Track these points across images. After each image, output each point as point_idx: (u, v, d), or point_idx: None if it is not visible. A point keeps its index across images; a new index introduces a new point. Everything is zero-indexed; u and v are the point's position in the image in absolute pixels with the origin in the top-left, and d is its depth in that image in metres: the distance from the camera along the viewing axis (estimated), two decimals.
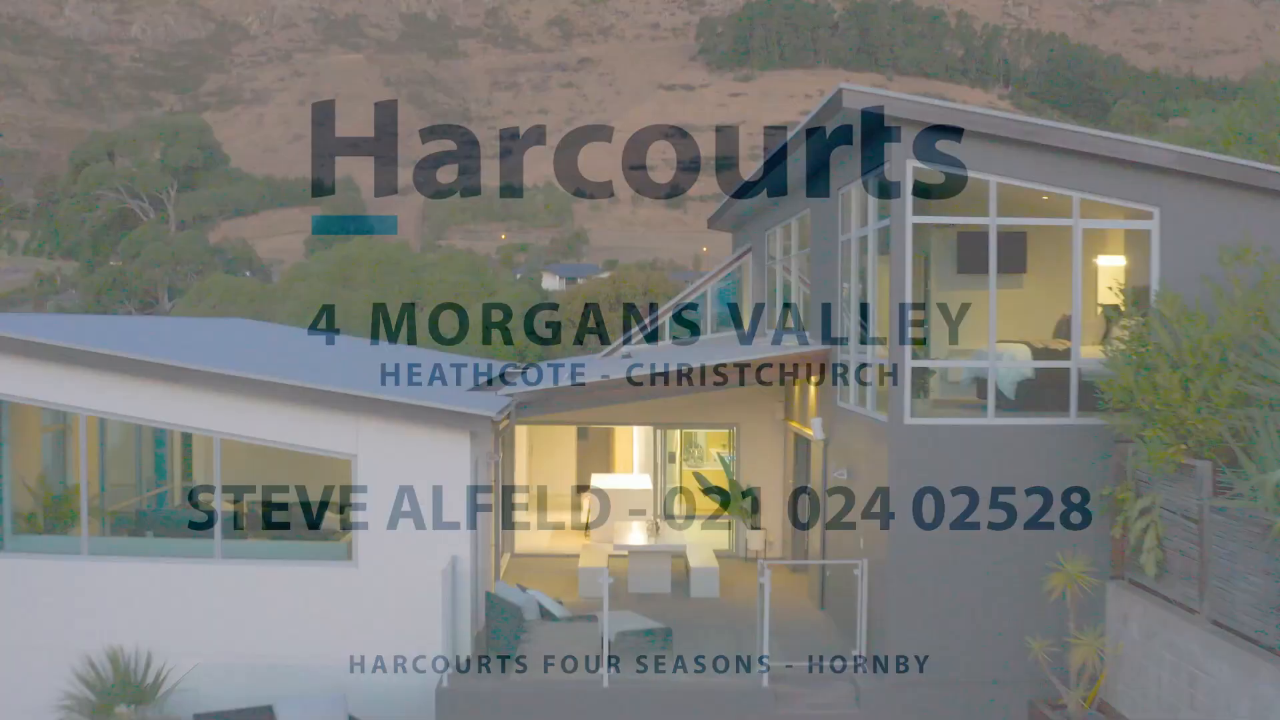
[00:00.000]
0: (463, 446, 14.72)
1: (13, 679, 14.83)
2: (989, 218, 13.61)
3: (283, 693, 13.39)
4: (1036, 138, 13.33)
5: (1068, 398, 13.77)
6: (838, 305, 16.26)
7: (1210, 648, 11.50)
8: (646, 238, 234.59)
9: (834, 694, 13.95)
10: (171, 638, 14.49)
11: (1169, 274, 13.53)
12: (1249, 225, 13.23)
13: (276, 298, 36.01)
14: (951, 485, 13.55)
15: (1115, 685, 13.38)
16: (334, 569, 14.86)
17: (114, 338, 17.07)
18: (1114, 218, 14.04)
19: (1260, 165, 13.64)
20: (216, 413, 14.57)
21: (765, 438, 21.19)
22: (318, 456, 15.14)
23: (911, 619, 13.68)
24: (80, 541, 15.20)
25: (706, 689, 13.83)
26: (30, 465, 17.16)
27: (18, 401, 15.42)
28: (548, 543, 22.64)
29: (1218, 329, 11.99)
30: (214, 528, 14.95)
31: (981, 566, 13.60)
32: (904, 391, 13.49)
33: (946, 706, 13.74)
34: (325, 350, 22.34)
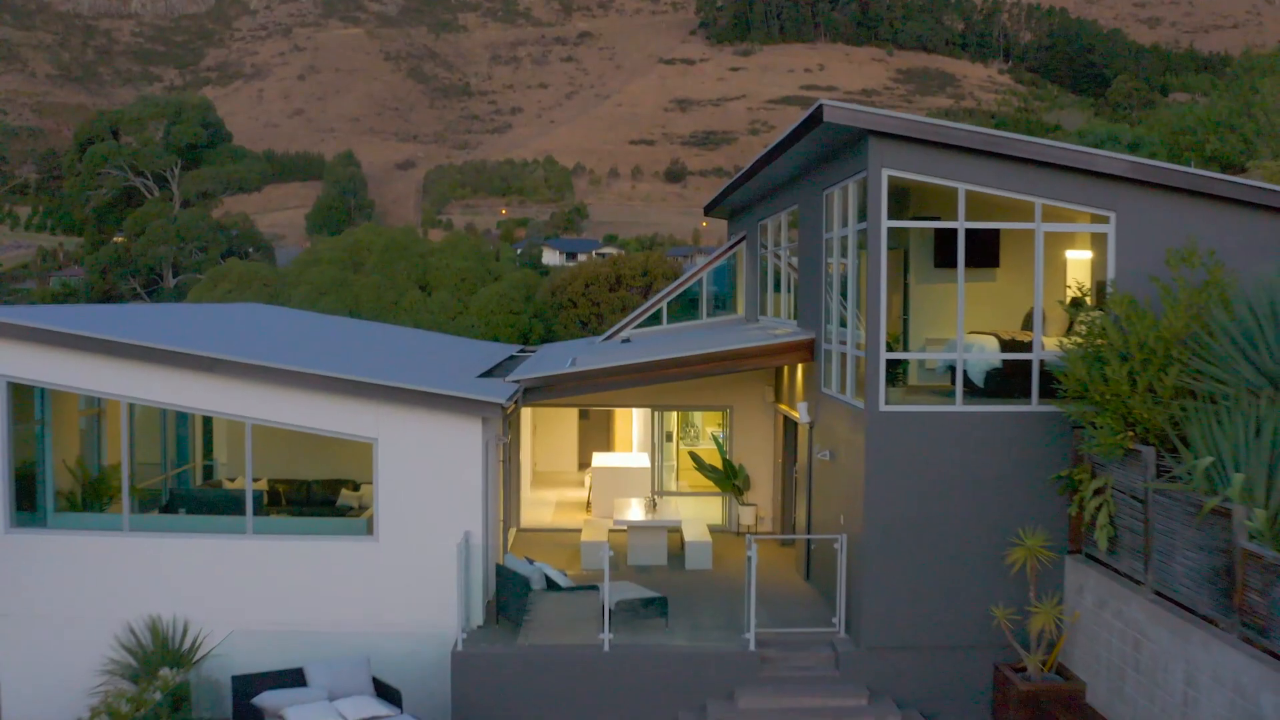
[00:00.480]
0: (475, 430, 15.95)
1: (59, 646, 16.04)
2: (958, 222, 14.76)
3: (311, 657, 14.64)
4: (1001, 149, 14.49)
5: (1031, 386, 14.97)
6: (821, 297, 17.43)
7: (1152, 616, 12.76)
8: (646, 213, 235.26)
9: (815, 658, 15.23)
10: (206, 607, 15.75)
11: (1124, 273, 14.71)
12: (1197, 228, 14.41)
13: (289, 282, 37.01)
14: (923, 467, 14.79)
15: (1072, 650, 14.65)
16: (356, 544, 16.13)
17: (150, 329, 18.24)
18: (1074, 221, 15.20)
19: (1207, 173, 14.79)
20: (249, 400, 15.79)
21: (756, 419, 22.42)
22: (335, 440, 16.39)
23: (886, 590, 14.93)
24: (122, 518, 16.44)
25: (698, 653, 15.12)
26: (69, 447, 18.40)
27: (68, 390, 16.64)
28: (551, 518, 23.88)
29: (1162, 327, 13.18)
30: (245, 505, 16.18)
31: (950, 542, 14.84)
32: (879, 381, 14.70)
33: (918, 670, 15.01)
34: (345, 335, 23.55)
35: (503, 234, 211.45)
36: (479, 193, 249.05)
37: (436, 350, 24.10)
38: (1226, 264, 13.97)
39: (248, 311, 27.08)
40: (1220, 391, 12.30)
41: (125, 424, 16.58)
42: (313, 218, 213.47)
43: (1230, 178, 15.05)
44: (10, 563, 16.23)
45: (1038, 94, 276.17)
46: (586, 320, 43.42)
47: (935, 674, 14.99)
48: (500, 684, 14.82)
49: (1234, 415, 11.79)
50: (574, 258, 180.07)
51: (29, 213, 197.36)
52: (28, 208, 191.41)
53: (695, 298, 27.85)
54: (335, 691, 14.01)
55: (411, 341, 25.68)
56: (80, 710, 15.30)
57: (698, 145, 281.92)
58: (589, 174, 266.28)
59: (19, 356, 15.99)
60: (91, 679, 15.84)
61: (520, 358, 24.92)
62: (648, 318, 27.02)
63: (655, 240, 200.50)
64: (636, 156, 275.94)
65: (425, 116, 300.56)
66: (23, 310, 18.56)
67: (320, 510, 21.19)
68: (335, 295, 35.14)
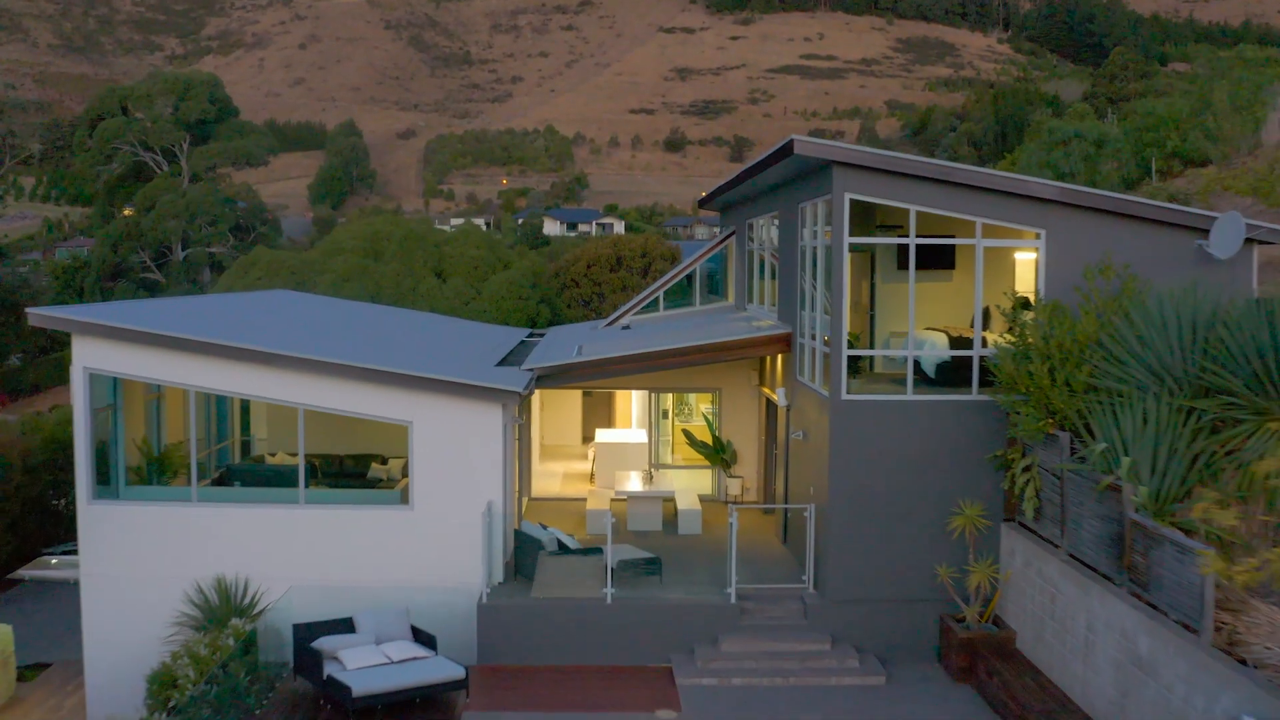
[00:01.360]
0: (496, 414, 18.48)
1: (134, 603, 18.47)
2: (910, 238, 17.21)
3: (358, 609, 17.19)
4: (947, 176, 16.91)
5: (972, 378, 17.46)
6: (797, 296, 19.88)
7: (1064, 574, 15.32)
8: (646, 182, 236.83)
9: (787, 610, 17.82)
10: (265, 568, 18.24)
11: (1053, 282, 17.16)
12: (1116, 243, 16.87)
13: (315, 269, 39.44)
14: (880, 446, 17.30)
15: (1005, 603, 17.23)
16: (394, 512, 18.68)
17: (210, 323, 20.73)
18: (1010, 237, 17.63)
19: (1123, 195, 17.22)
20: (301, 388, 18.29)
21: (742, 401, 24.93)
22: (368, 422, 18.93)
23: (848, 552, 17.48)
24: (191, 490, 18.98)
25: (687, 605, 17.70)
26: (136, 428, 20.91)
27: (141, 380, 19.13)
28: (559, 487, 26.43)
29: (1077, 331, 15.65)
30: (299, 479, 18.74)
31: (902, 511, 17.37)
32: (841, 374, 17.18)
33: (874, 620, 17.58)
34: (373, 321, 26.03)
35: (504, 204, 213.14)
36: (480, 162, 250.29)
37: (456, 336, 26.57)
38: (1142, 274, 16.46)
39: (282, 299, 29.53)
40: (1118, 388, 14.78)
41: (193, 410, 19.11)
42: (315, 188, 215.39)
43: (1142, 199, 17.49)
44: (92, 530, 18.75)
45: (1037, 63, 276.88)
46: (588, 299, 45.86)
47: (889, 623, 17.56)
48: (519, 631, 17.42)
49: (1127, 409, 14.28)
50: (574, 228, 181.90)
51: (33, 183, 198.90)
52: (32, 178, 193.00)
53: (691, 277, 30.19)
54: (380, 637, 16.57)
55: (433, 327, 28.16)
56: (154, 659, 17.78)
57: (697, 114, 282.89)
58: (589, 143, 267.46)
59: (99, 350, 18.47)
60: (163, 630, 18.29)
61: (530, 343, 27.40)
62: (646, 305, 29.45)
63: (655, 210, 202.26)
64: (636, 126, 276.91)
65: (426, 85, 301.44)
66: (97, 308, 20.97)
67: (353, 482, 23.75)
68: (358, 282, 37.62)
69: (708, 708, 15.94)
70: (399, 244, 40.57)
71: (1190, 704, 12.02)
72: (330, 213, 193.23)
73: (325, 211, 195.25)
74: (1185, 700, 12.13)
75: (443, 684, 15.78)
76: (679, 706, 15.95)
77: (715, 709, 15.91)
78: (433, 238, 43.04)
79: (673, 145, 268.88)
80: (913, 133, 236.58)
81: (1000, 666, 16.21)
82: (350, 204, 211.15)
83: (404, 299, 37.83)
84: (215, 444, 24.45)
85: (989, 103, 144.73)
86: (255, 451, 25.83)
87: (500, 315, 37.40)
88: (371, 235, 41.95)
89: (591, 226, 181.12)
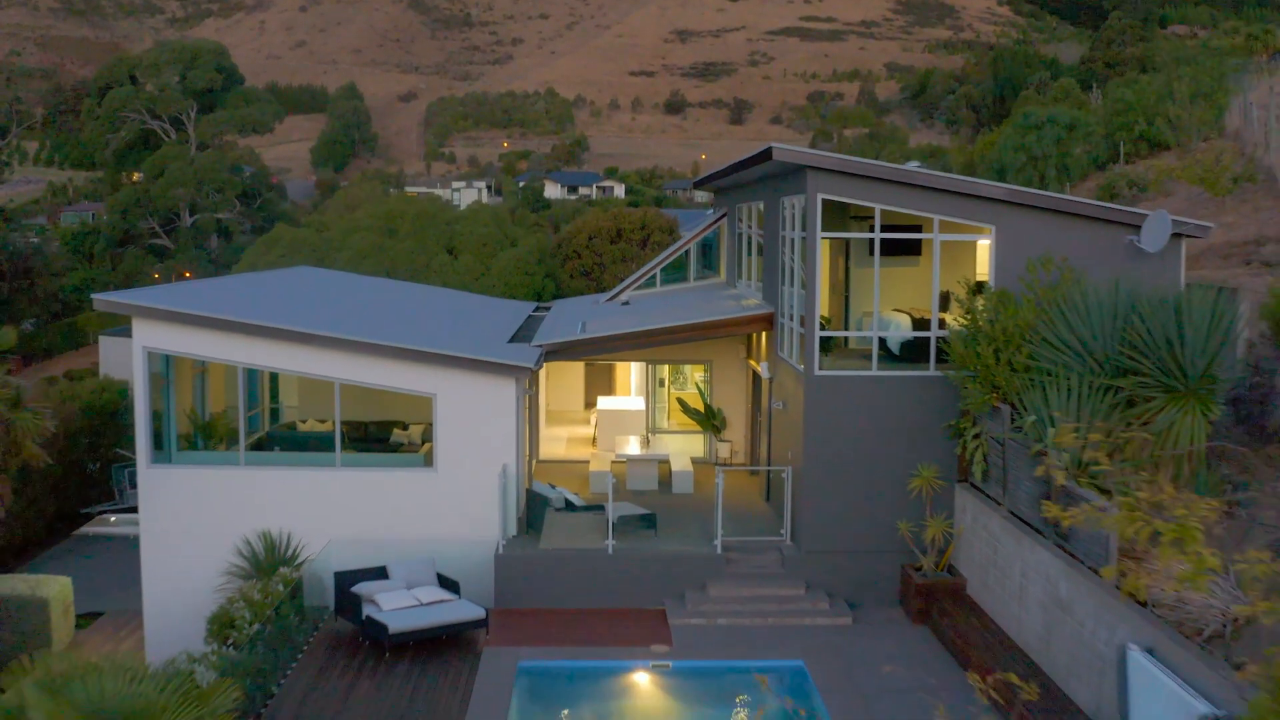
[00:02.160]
0: (510, 387, 20.82)
1: (187, 556, 20.81)
2: (875, 233, 19.46)
3: (389, 559, 19.58)
4: (907, 179, 19.14)
5: (930, 355, 19.76)
6: (778, 280, 22.13)
7: (1004, 529, 17.69)
8: (646, 145, 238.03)
9: (767, 559, 20.23)
10: (305, 523, 20.56)
11: (1002, 271, 19.40)
12: (1058, 238, 19.10)
13: (334, 247, 41.73)
14: (849, 416, 19.63)
15: (957, 554, 19.63)
16: (420, 473, 21.07)
17: (252, 303, 23.00)
18: (964, 232, 19.88)
19: (1064, 196, 19.45)
20: (337, 365, 20.62)
21: (732, 372, 27.26)
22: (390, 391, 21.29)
23: (820, 509, 19.86)
24: (238, 455, 21.36)
25: (679, 555, 20.12)
26: (185, 399, 23.24)
27: (194, 357, 21.43)
28: (564, 450, 28.80)
29: (1019, 318, 17.93)
30: (335, 444, 21.11)
31: (868, 473, 19.72)
32: (814, 352, 19.48)
33: (843, 569, 19.97)
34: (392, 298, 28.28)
35: (505, 167, 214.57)
36: (481, 125, 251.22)
37: (470, 312, 28.88)
38: (1082, 266, 18.71)
39: (307, 275, 31.79)
40: (1050, 368, 17.09)
41: (241, 383, 21.45)
42: (317, 151, 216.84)
43: (1081, 199, 19.75)
44: (150, 491, 21.13)
45: (1036, 25, 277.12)
46: (589, 270, 48.07)
47: (856, 572, 19.96)
48: (530, 578, 19.84)
49: (1055, 386, 16.61)
50: (575, 191, 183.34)
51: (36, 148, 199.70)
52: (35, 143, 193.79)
53: (687, 253, 32.40)
54: (411, 583, 18.97)
55: (448, 303, 30.46)
56: (206, 605, 20.09)
57: (697, 77, 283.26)
58: (589, 105, 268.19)
59: (157, 332, 20.77)
60: (215, 580, 20.62)
61: (537, 317, 29.69)
62: (644, 281, 31.71)
63: (655, 173, 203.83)
64: (636, 88, 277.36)
65: (427, 48, 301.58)
66: (154, 293, 23.22)
67: (377, 446, 26.07)
68: (374, 259, 39.90)
69: (696, 643, 18.36)
70: (412, 222, 42.88)
71: (1096, 636, 14.42)
72: (333, 176, 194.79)
73: (328, 175, 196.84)
74: (1093, 634, 14.54)
75: (466, 623, 18.21)
76: (671, 642, 18.37)
77: (702, 645, 18.33)
78: (444, 216, 45.36)
79: (673, 107, 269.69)
80: (912, 95, 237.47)
81: (952, 609, 18.63)
82: (353, 167, 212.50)
83: (418, 274, 40.15)
84: (248, 412, 26.75)
85: (988, 65, 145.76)
86: (283, 418, 28.13)
87: (508, 290, 39.73)
88: (386, 214, 44.26)
89: (592, 190, 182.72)
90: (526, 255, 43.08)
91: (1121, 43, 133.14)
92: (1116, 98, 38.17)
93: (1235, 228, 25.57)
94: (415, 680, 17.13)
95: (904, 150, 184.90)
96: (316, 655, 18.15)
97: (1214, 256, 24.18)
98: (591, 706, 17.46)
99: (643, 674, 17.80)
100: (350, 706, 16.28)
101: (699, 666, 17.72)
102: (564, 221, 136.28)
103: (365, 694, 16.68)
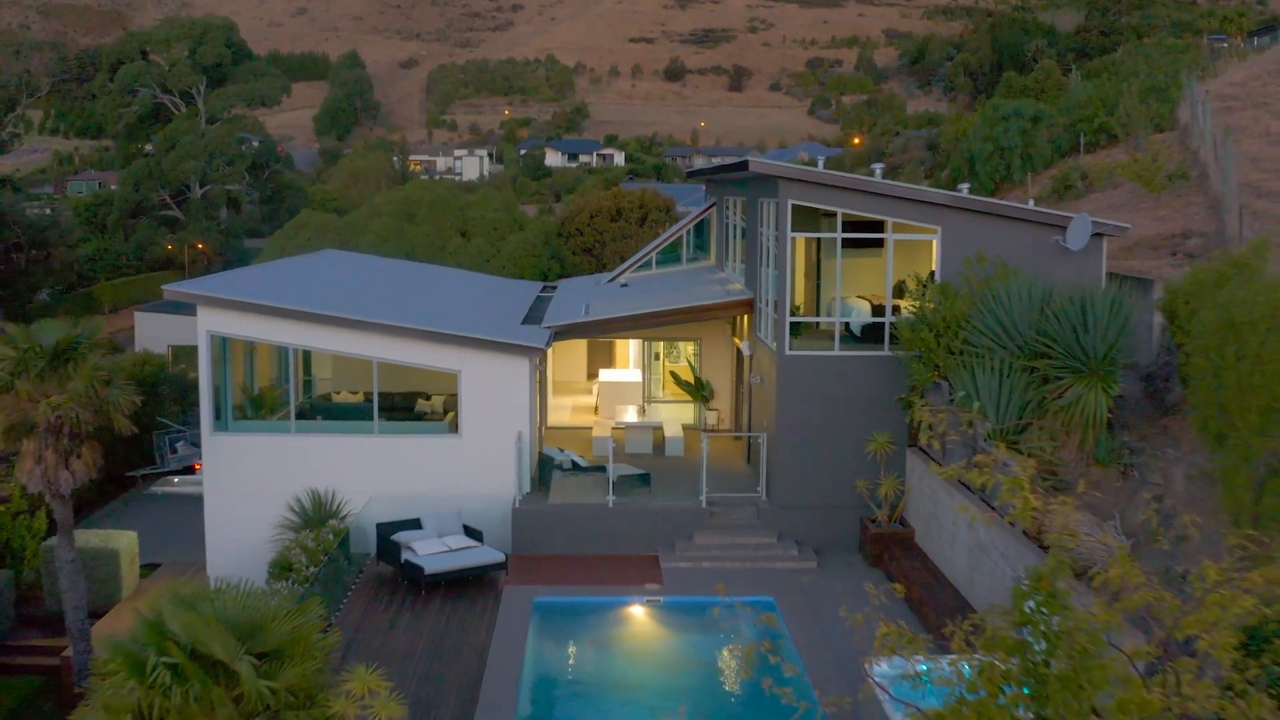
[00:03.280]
0: (524, 364, 24.10)
1: (244, 512, 24.06)
2: (837, 233, 22.67)
3: (422, 512, 22.90)
4: (864, 187, 22.33)
5: (884, 337, 23.00)
6: (757, 270, 25.33)
7: (943, 486, 21.01)
8: (645, 112, 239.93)
9: (744, 513, 23.58)
10: (348, 483, 23.85)
11: (948, 265, 22.60)
12: (994, 237, 22.28)
13: (357, 230, 45.03)
14: (815, 389, 22.90)
15: (907, 508, 22.96)
16: (447, 439, 24.40)
17: (294, 290, 26.21)
18: (915, 231, 23.07)
19: (998, 201, 22.63)
20: (376, 346, 23.90)
21: (719, 348, 30.54)
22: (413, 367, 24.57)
23: (790, 469, 23.17)
24: (289, 423, 24.67)
25: (669, 509, 23.47)
26: (238, 374, 26.49)
27: (250, 340, 24.68)
28: (569, 418, 32.12)
29: (955, 307, 21.16)
30: (372, 413, 24.42)
31: (831, 438, 23.00)
32: (785, 334, 22.73)
33: (810, 520, 23.30)
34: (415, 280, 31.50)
35: (506, 134, 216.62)
36: (482, 92, 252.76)
37: (486, 292, 32.16)
38: (1015, 263, 21.88)
39: (336, 258, 35.07)
40: (978, 350, 20.36)
41: (292, 362, 24.75)
42: (320, 119, 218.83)
43: (1014, 204, 23.00)
44: (213, 455, 24.42)
45: None
46: (590, 246, 51.26)
47: (821, 523, 23.29)
48: (542, 528, 23.19)
49: (981, 366, 19.88)
50: (575, 159, 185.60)
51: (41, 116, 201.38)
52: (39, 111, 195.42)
53: (679, 247, 35.64)
54: (441, 532, 22.31)
55: (465, 284, 33.74)
56: (262, 554, 23.34)
57: (696, 44, 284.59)
58: (589, 72, 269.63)
59: (219, 317, 24.01)
60: (269, 532, 23.88)
61: (545, 297, 32.93)
62: (641, 264, 34.92)
63: (654, 141, 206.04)
64: (636, 55, 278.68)
65: (427, 14, 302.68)
66: (209, 281, 26.44)
67: (402, 415, 29.33)
68: (394, 242, 43.16)
69: (683, 583, 21.71)
70: (428, 208, 46.23)
71: (1006, 573, 17.75)
72: (336, 144, 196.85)
73: (331, 143, 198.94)
74: (1003, 571, 17.87)
75: (489, 566, 21.59)
76: (662, 582, 21.73)
77: (689, 584, 21.67)
78: (457, 202, 48.69)
79: (672, 74, 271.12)
80: (910, 62, 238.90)
81: (900, 555, 21.97)
82: (355, 135, 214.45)
83: (434, 256, 43.41)
84: (284, 384, 30.03)
85: (986, 32, 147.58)
86: (315, 390, 31.38)
87: (517, 270, 43.04)
88: (404, 200, 47.64)
89: (592, 158, 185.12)
90: (533, 238, 46.38)
91: (1117, 11, 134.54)
92: (1077, 91, 41.20)
93: (1167, 221, 28.72)
94: (448, 613, 20.52)
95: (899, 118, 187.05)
96: (363, 593, 21.52)
97: (1145, 249, 27.34)
98: (595, 634, 20.84)
99: (638, 608, 21.16)
100: (395, 634, 19.66)
101: (686, 602, 21.03)
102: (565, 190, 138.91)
103: (407, 624, 20.07)
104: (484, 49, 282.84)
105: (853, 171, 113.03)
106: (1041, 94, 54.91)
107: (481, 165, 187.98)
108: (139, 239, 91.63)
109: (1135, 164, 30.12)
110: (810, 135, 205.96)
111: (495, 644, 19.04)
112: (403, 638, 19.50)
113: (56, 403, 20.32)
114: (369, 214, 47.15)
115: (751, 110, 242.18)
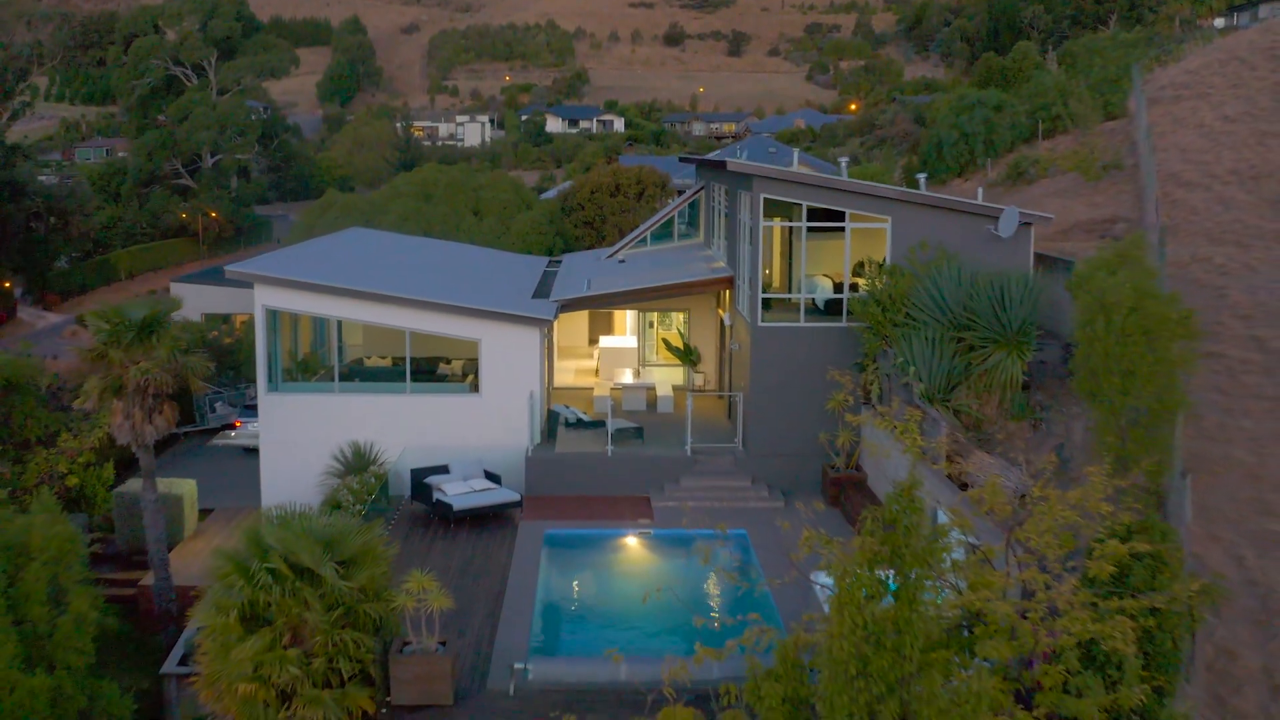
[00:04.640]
0: (535, 333, 28.09)
1: (294, 462, 27.87)
2: (803, 222, 26.56)
3: (449, 460, 26.90)
4: (825, 184, 26.22)
5: (843, 311, 26.93)
6: (737, 251, 29.20)
7: (887, 437, 24.98)
8: (645, 77, 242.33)
9: (723, 461, 27.63)
10: (384, 435, 27.79)
11: (898, 251, 26.45)
12: (939, 226, 26.12)
13: (379, 210, 49.04)
14: (784, 356, 26.85)
15: (862, 457, 26.98)
16: (469, 398, 28.41)
17: (335, 268, 30.12)
18: (869, 222, 26.95)
19: (940, 195, 26.48)
20: (408, 317, 27.88)
21: (706, 318, 34.51)
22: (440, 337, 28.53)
23: (763, 423, 27.16)
24: (333, 384, 28.67)
25: (660, 457, 27.50)
26: (285, 341, 30.44)
27: (300, 314, 28.62)
28: (572, 379, 36.11)
29: (898, 286, 25.07)
30: (405, 375, 28.42)
31: (798, 397, 26.95)
32: (758, 308, 26.67)
33: (780, 467, 27.30)
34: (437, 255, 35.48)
35: (507, 100, 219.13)
36: (483, 58, 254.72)
37: (499, 268, 36.15)
38: (955, 249, 25.74)
39: (365, 238, 39.05)
40: (915, 323, 24.30)
41: (337, 332, 28.74)
42: (323, 86, 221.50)
43: (955, 197, 26.87)
44: (268, 412, 28.39)
45: None
46: (591, 220, 55.10)
47: (789, 469, 27.31)
48: (551, 474, 27.25)
49: (918, 336, 23.84)
50: (576, 125, 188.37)
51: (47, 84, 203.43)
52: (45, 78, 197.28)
53: (671, 225, 39.45)
54: (466, 476, 26.32)
55: (481, 260, 37.75)
56: (310, 497, 27.11)
57: (695, 8, 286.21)
58: (589, 38, 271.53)
59: (273, 293, 27.92)
60: (316, 478, 27.69)
61: (551, 272, 36.84)
62: (637, 241, 38.75)
63: (654, 107, 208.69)
64: (636, 20, 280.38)
65: None
66: (263, 260, 30.25)
67: (427, 377, 33.29)
68: (414, 221, 47.22)
69: (671, 519, 25.73)
70: (445, 189, 50.31)
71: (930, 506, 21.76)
72: (339, 110, 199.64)
73: (334, 109, 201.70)
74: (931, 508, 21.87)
75: (507, 504, 25.65)
76: (653, 518, 25.79)
77: (675, 520, 25.68)
78: (471, 183, 52.74)
79: (671, 40, 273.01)
80: (908, 27, 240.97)
81: (854, 495, 25.99)
82: (358, 101, 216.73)
83: (450, 234, 47.38)
84: (324, 350, 33.98)
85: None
86: (347, 355, 35.31)
87: (525, 246, 47.07)
88: (422, 182, 51.84)
89: (593, 124, 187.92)
90: (539, 218, 50.36)
91: None
92: (1038, 81, 44.88)
93: (1101, 207, 32.58)
94: (474, 543, 24.59)
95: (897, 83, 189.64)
96: (401, 527, 25.58)
97: (1081, 232, 31.22)
98: (596, 560, 24.91)
99: (632, 539, 25.23)
100: (430, 559, 23.66)
101: (672, 534, 25.07)
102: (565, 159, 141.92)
103: (440, 551, 24.14)
104: (484, 14, 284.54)
105: (845, 140, 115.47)
106: (1018, 73, 58.56)
107: (483, 132, 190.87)
108: (152, 207, 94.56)
109: (1075, 154, 33.89)
110: (808, 101, 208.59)
111: (514, 566, 23.09)
112: (438, 561, 23.50)
113: (145, 368, 24.25)
114: (389, 194, 51.19)
115: (750, 75, 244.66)
